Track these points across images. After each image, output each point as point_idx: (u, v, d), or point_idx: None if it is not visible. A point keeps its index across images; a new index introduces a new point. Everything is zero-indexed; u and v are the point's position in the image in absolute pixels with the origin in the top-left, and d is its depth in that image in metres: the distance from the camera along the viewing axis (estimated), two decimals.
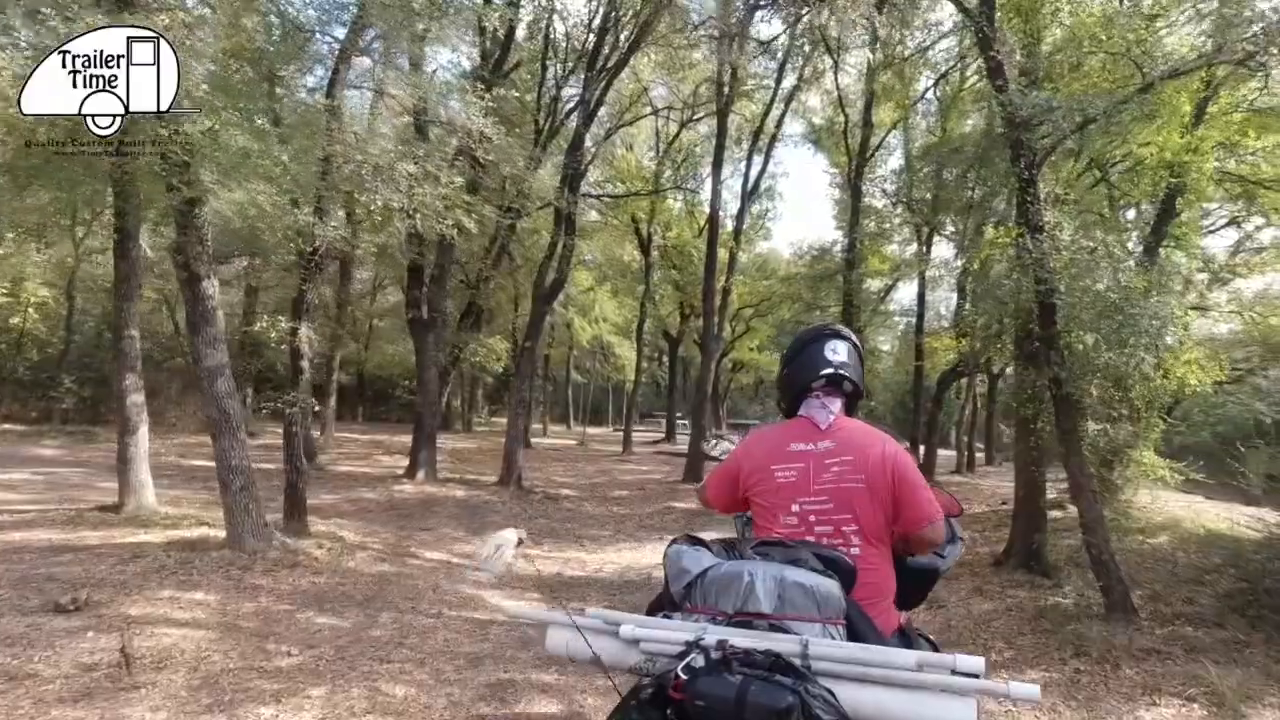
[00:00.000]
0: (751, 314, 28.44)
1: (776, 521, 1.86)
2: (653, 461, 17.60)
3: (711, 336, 13.04)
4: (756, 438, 2.06)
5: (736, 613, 1.47)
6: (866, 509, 1.83)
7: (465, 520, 8.66)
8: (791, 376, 2.03)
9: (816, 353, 2.01)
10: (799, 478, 1.86)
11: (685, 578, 1.54)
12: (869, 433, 1.93)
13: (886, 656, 1.36)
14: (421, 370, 10.62)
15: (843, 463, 1.84)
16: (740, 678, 1.24)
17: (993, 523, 10.23)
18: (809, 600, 1.47)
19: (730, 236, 13.87)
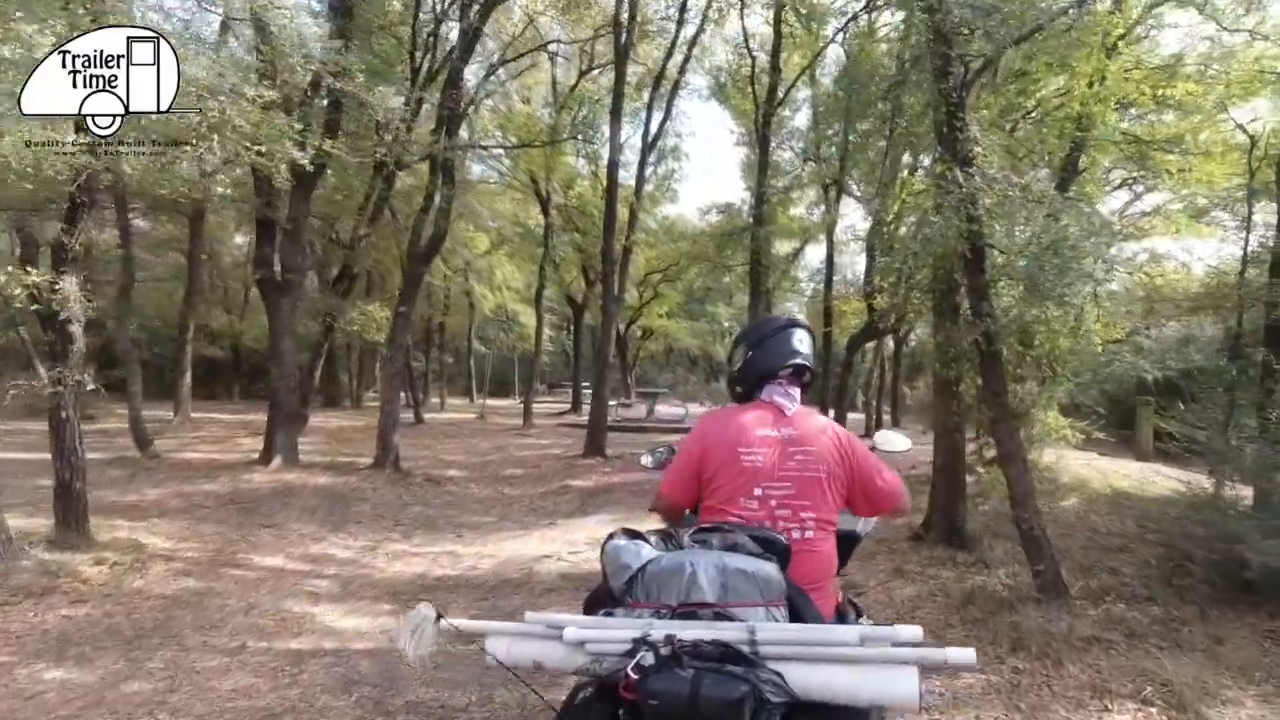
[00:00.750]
0: (660, 279, 27.67)
1: (736, 504, 1.87)
2: (554, 435, 16.60)
3: (612, 298, 12.06)
4: (714, 422, 2.04)
5: (681, 604, 1.46)
6: (823, 497, 1.90)
7: (323, 513, 7.43)
8: (758, 362, 2.06)
9: (785, 341, 2.07)
10: (764, 462, 1.88)
11: (626, 573, 1.54)
12: (825, 423, 2.02)
13: (831, 634, 1.39)
14: (275, 339, 9.17)
15: (805, 452, 1.91)
16: (692, 672, 1.25)
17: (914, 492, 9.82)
18: (751, 585, 1.49)
19: (631, 193, 12.87)
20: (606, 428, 12.48)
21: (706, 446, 1.96)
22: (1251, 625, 4.70)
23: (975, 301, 4.96)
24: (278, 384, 9.13)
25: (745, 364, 2.11)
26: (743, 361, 2.12)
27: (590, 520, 7.80)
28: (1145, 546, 6.42)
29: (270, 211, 8.95)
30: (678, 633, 1.34)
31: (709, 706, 1.20)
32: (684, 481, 2.00)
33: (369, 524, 7.21)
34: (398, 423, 9.64)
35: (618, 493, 9.15)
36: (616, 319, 12.33)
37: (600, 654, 1.39)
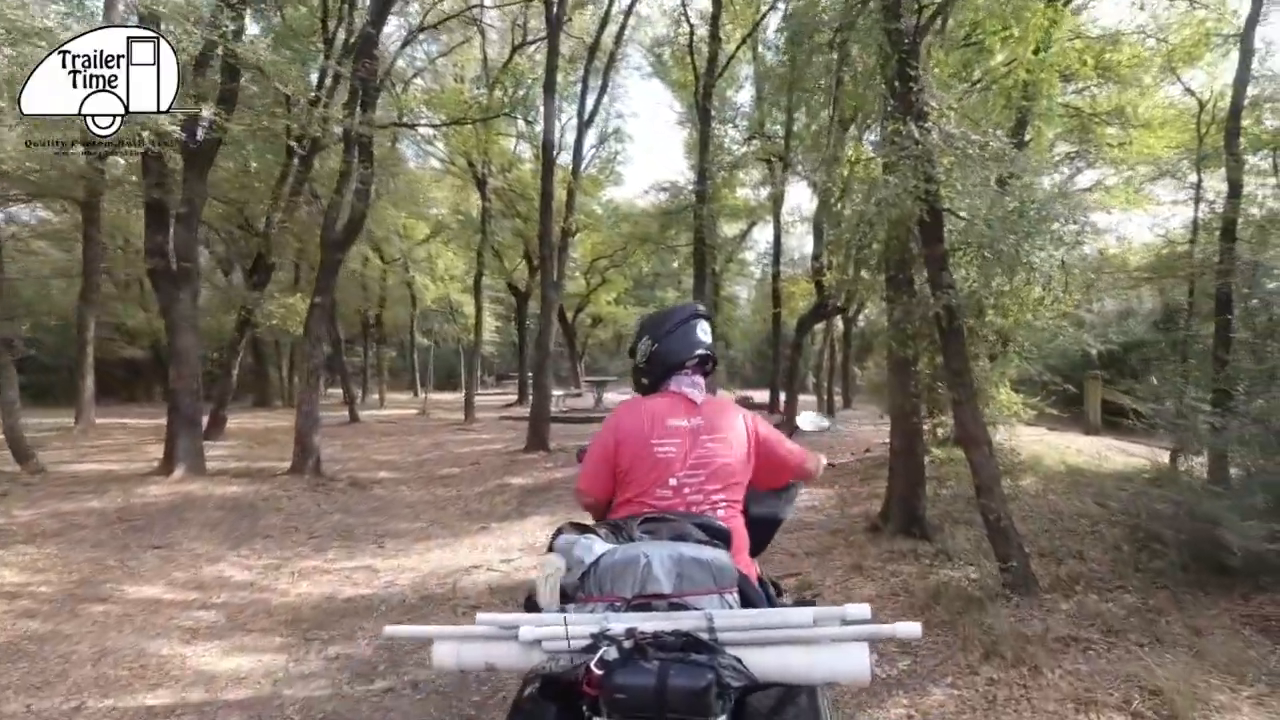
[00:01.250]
0: (607, 265, 27.05)
1: (651, 495, 1.89)
2: (497, 429, 15.90)
3: (551, 284, 11.40)
4: (625, 415, 2.03)
5: (636, 596, 1.47)
6: (733, 480, 1.97)
7: (226, 528, 6.66)
8: (665, 354, 2.09)
9: (690, 332, 2.11)
10: (677, 453, 1.92)
11: (579, 568, 1.53)
12: (730, 408, 2.10)
13: (785, 617, 1.42)
14: (173, 335, 8.26)
15: (714, 439, 1.96)
16: (657, 663, 1.25)
17: (860, 475, 9.49)
18: (706, 574, 1.52)
19: (570, 173, 12.18)
20: (549, 419, 11.87)
21: (619, 439, 1.97)
22: (1228, 611, 4.40)
23: (934, 272, 4.51)
24: (177, 385, 8.24)
25: (651, 356, 2.12)
26: (649, 353, 2.13)
27: (528, 523, 7.21)
28: (1109, 528, 6.14)
29: (161, 193, 8.02)
30: (637, 625, 1.34)
31: (676, 696, 1.21)
32: (600, 475, 2.00)
33: (278, 538, 6.48)
34: (318, 423, 8.84)
35: (558, 489, 8.57)
36: (557, 305, 11.68)
37: (557, 651, 1.36)
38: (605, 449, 1.99)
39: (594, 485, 2.03)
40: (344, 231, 8.86)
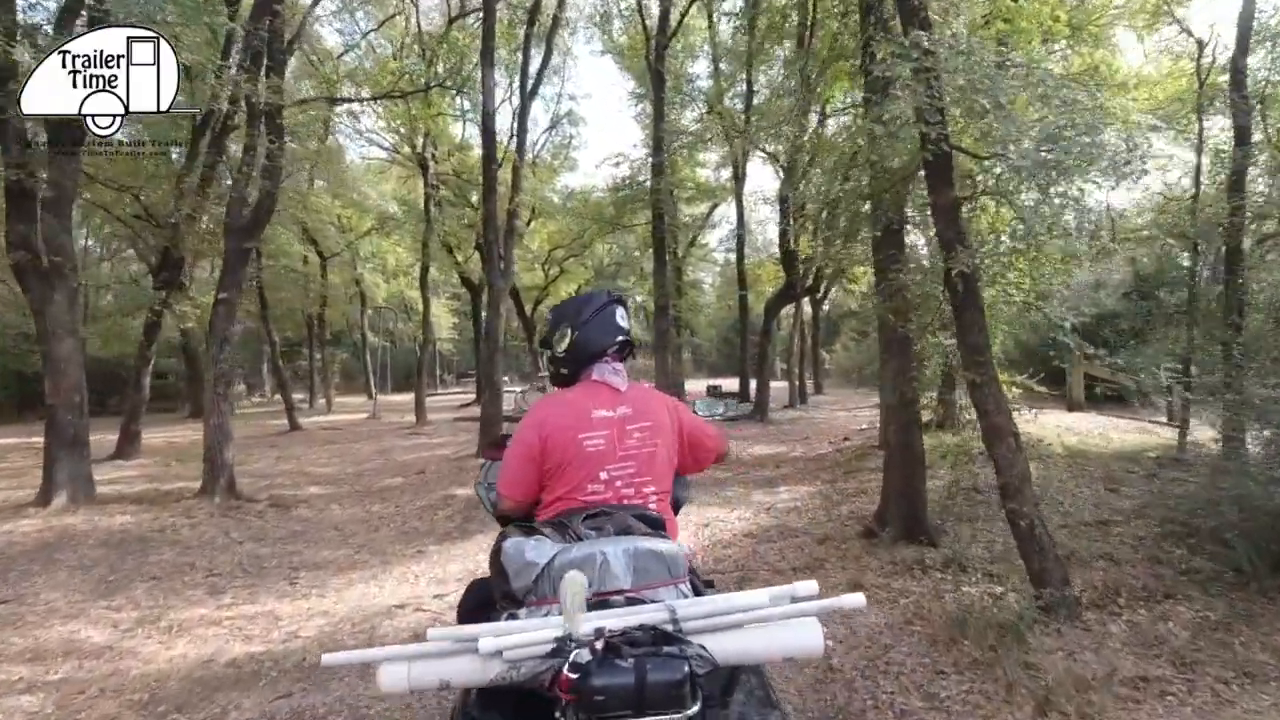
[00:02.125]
0: (565, 255, 25.94)
1: (583, 491, 1.83)
2: (450, 431, 14.85)
3: (497, 272, 10.37)
4: (549, 410, 1.92)
5: (595, 594, 1.42)
6: (662, 468, 1.92)
7: (103, 570, 5.56)
8: (585, 342, 1.99)
9: (610, 318, 2.03)
10: (606, 445, 1.85)
11: (533, 570, 1.48)
12: (653, 394, 2.05)
13: (741, 600, 1.42)
14: (49, 343, 7.06)
15: (642, 428, 1.90)
16: (632, 661, 1.22)
17: (843, 468, 8.68)
18: (661, 566, 1.51)
19: (514, 151, 11.13)
20: (503, 419, 10.86)
21: (545, 436, 1.85)
22: None
23: (944, 226, 3.64)
24: (55, 401, 7.05)
25: (571, 345, 2.01)
26: (568, 342, 2.01)
27: (471, 543, 6.24)
28: (1135, 521, 5.40)
29: (21, 174, 6.79)
30: (602, 624, 1.31)
31: (656, 691, 1.19)
32: (526, 476, 1.88)
33: (165, 579, 5.40)
34: (230, 436, 7.72)
35: None
36: (505, 294, 10.65)
37: (519, 659, 1.29)
38: (529, 448, 1.87)
39: (518, 487, 1.91)
40: (251, 217, 7.73)
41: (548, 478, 1.87)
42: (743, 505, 7.11)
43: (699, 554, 5.61)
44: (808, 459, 9.83)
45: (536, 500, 1.92)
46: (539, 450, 1.85)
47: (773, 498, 7.41)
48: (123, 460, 10.74)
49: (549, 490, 1.88)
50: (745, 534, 6.08)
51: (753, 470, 9.13)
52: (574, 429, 1.85)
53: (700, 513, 6.79)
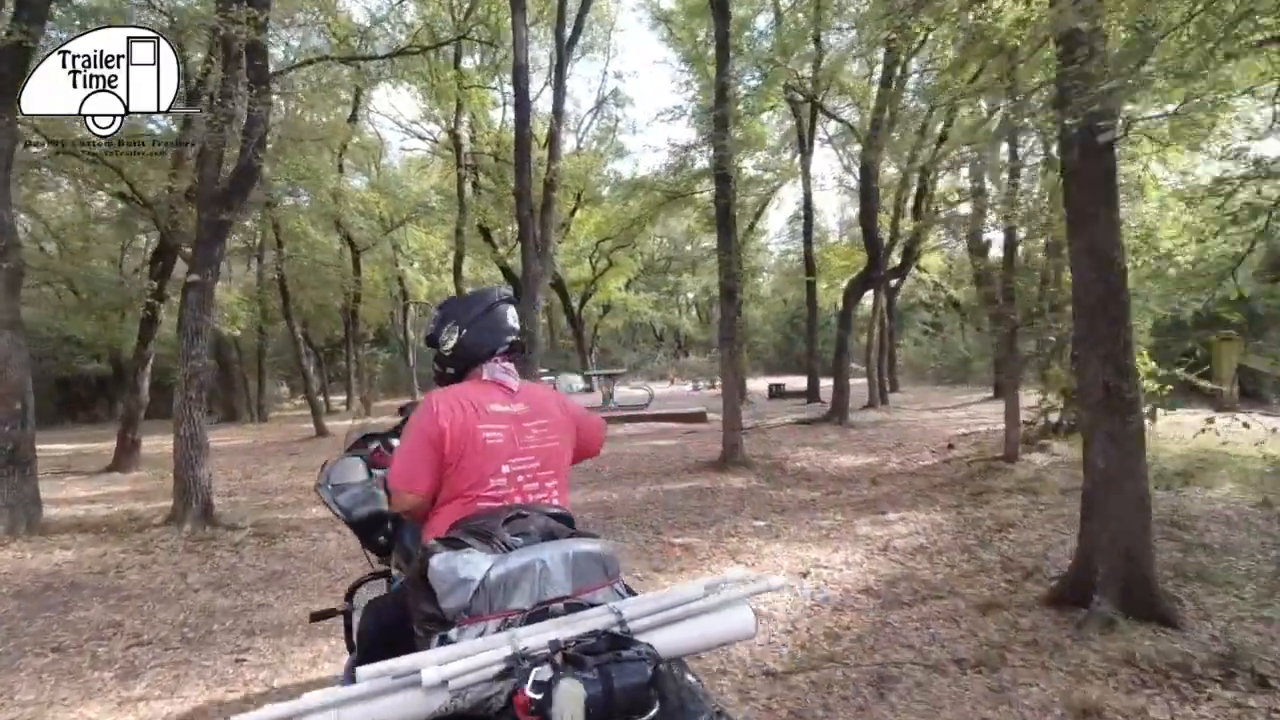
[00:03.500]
0: (613, 247, 24.39)
1: (485, 485, 1.81)
2: None
3: (533, 252, 8.86)
4: (445, 403, 1.85)
5: (536, 605, 1.39)
6: (562, 464, 1.95)
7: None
8: (473, 341, 1.99)
9: (500, 319, 2.02)
10: (506, 440, 1.85)
11: (468, 587, 1.39)
12: (546, 391, 2.07)
13: (680, 594, 1.42)
14: None
15: (540, 425, 1.91)
16: (595, 670, 1.18)
17: (965, 488, 6.84)
18: (598, 567, 1.50)
19: (551, 117, 9.57)
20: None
21: (444, 428, 1.80)
22: None
23: None
24: None
25: (459, 344, 2.01)
26: (455, 341, 2.02)
27: None
28: None
29: None
30: (552, 635, 1.28)
31: (624, 697, 1.17)
32: (427, 470, 1.82)
33: (73, 652, 3.98)
34: (206, 450, 6.35)
35: None
36: (543, 281, 9.18)
37: (464, 686, 1.20)
38: (428, 438, 1.80)
39: (418, 481, 1.83)
40: (229, 183, 6.35)
41: (448, 472, 1.81)
42: (847, 541, 5.39)
43: (802, 620, 3.96)
44: (909, 473, 8.01)
45: (433, 498, 1.86)
46: (438, 441, 1.79)
47: (885, 530, 5.65)
48: (119, 473, 9.59)
49: (449, 486, 1.83)
50: (863, 590, 4.36)
51: (845, 488, 7.37)
52: (472, 421, 1.81)
53: (792, 553, 5.10)
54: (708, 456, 9.18)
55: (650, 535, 5.64)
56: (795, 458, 9.16)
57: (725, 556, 5.07)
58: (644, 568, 4.88)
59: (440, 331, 2.04)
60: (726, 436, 8.47)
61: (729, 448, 8.38)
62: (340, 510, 2.10)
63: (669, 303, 42.41)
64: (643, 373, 32.83)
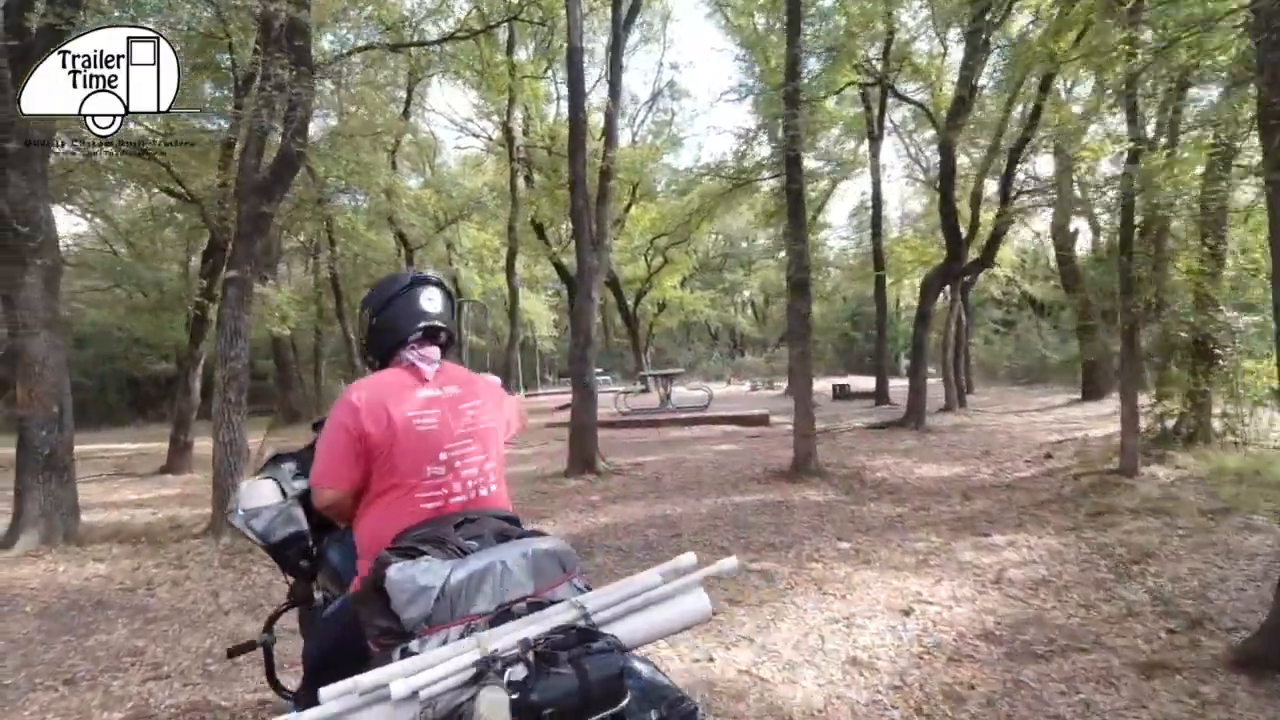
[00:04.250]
0: (668, 244, 23.79)
1: (421, 474, 1.73)
2: (538, 439, 12.94)
3: (588, 245, 8.31)
4: (366, 392, 1.76)
5: (499, 607, 1.38)
6: (497, 445, 1.90)
7: (12, 663, 3.82)
8: (387, 328, 1.90)
9: (411, 302, 1.91)
10: (440, 424, 1.77)
11: (429, 595, 1.35)
12: (470, 373, 1.97)
13: (640, 584, 1.43)
14: (19, 338, 5.55)
15: (474, 406, 1.85)
16: (570, 665, 1.19)
17: (1080, 506, 5.99)
18: (556, 564, 1.50)
19: (609, 96, 9.00)
20: (597, 428, 8.80)
21: (365, 418, 1.72)
22: None
23: None
24: (26, 413, 5.52)
25: (372, 331, 1.93)
26: (368, 329, 1.94)
27: None
28: None
29: None
30: (523, 635, 1.25)
31: (600, 689, 1.17)
32: (350, 464, 1.74)
33: (83, 685, 3.59)
34: (246, 456, 6.00)
35: (610, 545, 5.48)
36: (598, 276, 8.60)
37: (434, 695, 1.16)
38: (349, 432, 1.72)
39: (341, 476, 1.75)
40: (270, 173, 5.98)
41: (378, 465, 1.73)
42: (950, 569, 4.65)
43: (912, 672, 3.29)
44: (1005, 486, 7.17)
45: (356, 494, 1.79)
46: (360, 433, 1.71)
47: (993, 556, 4.90)
48: (171, 475, 9.46)
49: (381, 477, 1.74)
50: (982, 635, 3.65)
51: (934, 503, 6.60)
52: (400, 409, 1.74)
53: (888, 583, 4.40)
54: (777, 465, 8.49)
55: (722, 559, 5.00)
56: (873, 467, 8.39)
57: (809, 586, 4.41)
58: (717, 598, 4.26)
59: (360, 319, 1.99)
60: (798, 443, 7.77)
61: (801, 456, 7.67)
62: (256, 536, 2.01)
63: (724, 301, 41.61)
64: (698, 372, 32.14)
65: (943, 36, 13.76)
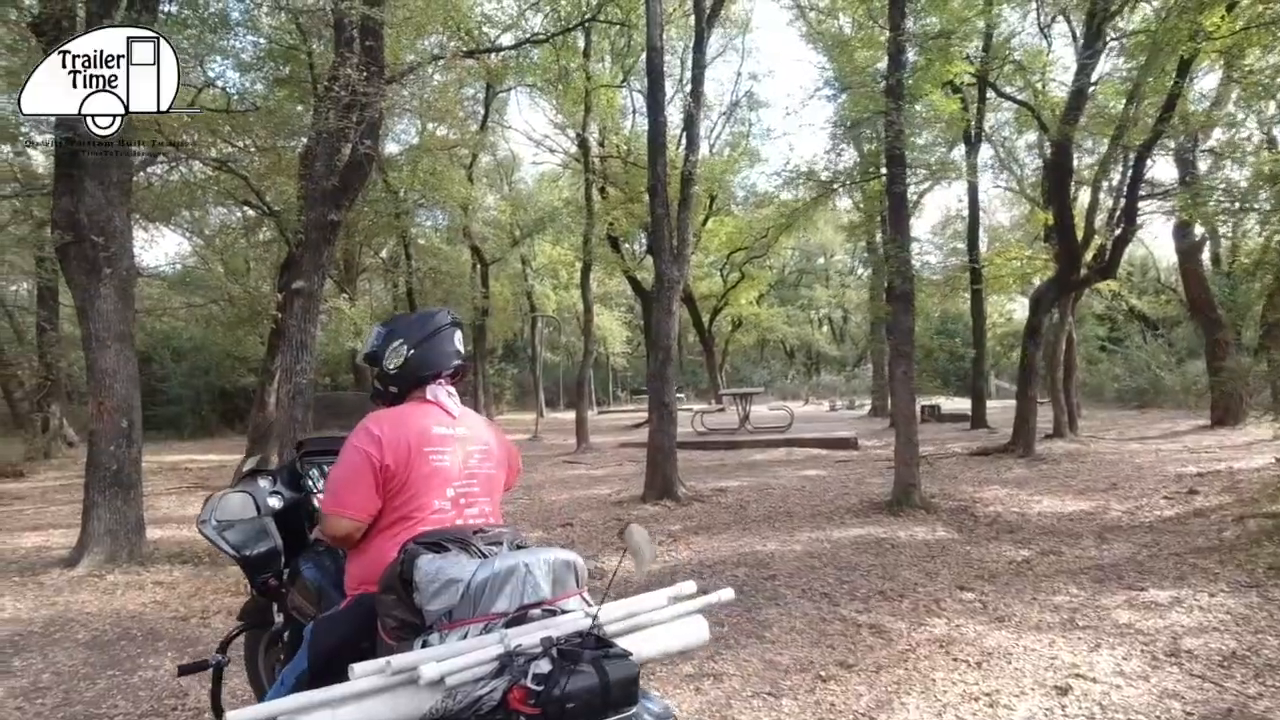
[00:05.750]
0: (745, 258, 23.11)
1: (429, 507, 1.78)
2: (614, 459, 12.49)
3: (668, 256, 7.81)
4: (386, 424, 1.81)
5: (519, 608, 1.42)
6: (498, 490, 1.98)
7: (53, 699, 3.56)
8: (421, 362, 1.95)
9: (448, 341, 1.99)
10: (451, 462, 1.83)
11: (456, 588, 1.39)
12: (481, 418, 2.07)
13: (647, 602, 1.53)
14: (92, 350, 5.45)
15: (482, 451, 1.92)
16: (591, 665, 1.23)
17: (1258, 556, 5.02)
18: (572, 575, 1.53)
19: (689, 102, 8.47)
20: (676, 450, 8.23)
21: (387, 448, 1.75)
22: None
23: None
24: (99, 427, 5.40)
25: (406, 363, 1.95)
26: (403, 360, 1.96)
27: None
28: None
29: (72, 133, 5.24)
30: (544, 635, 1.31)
31: (619, 689, 1.22)
32: (367, 492, 1.75)
33: None
34: None
35: (694, 579, 4.89)
36: (678, 288, 8.12)
37: (458, 684, 1.20)
38: (370, 460, 1.74)
39: (360, 505, 1.76)
40: (340, 180, 5.74)
41: (392, 494, 1.77)
42: (1107, 634, 3.86)
43: None
44: (1146, 527, 6.22)
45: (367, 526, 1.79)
46: (378, 466, 1.74)
47: (1157, 618, 4.07)
48: None
49: (392, 510, 1.78)
50: None
51: (1064, 545, 5.74)
52: (418, 442, 1.79)
53: (1030, 649, 3.66)
54: (872, 495, 7.74)
55: (826, 608, 4.35)
56: (982, 499, 7.52)
57: (934, 649, 3.71)
58: (826, 658, 3.62)
59: (385, 350, 1.99)
60: (900, 472, 7.00)
61: (903, 486, 6.91)
62: (229, 548, 2.03)
63: (801, 318, 40.52)
64: (774, 391, 31.19)
65: (1046, 30, 12.79)
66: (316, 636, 1.72)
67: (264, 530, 2.09)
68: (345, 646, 1.60)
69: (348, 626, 1.68)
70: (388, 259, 16.49)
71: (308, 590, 2.02)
